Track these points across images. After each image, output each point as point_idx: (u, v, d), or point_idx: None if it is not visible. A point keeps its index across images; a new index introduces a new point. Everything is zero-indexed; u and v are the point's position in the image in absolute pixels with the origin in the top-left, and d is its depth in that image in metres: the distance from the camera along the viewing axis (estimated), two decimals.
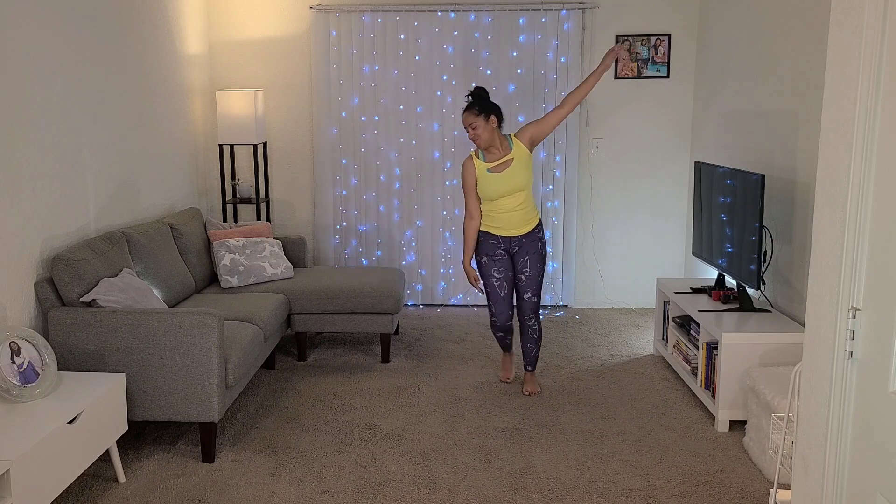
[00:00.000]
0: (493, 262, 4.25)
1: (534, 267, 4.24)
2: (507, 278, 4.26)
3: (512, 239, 4.22)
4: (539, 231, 4.27)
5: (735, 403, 3.82)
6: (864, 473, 1.94)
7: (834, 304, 2.01)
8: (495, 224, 4.21)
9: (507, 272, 4.25)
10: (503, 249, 4.24)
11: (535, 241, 4.24)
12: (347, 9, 5.83)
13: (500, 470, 3.47)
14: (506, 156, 4.14)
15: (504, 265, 4.25)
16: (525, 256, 4.23)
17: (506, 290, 4.27)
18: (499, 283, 4.25)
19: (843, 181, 1.97)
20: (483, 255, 4.27)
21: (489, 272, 4.26)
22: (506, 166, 4.13)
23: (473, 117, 4.08)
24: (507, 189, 4.12)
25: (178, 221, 4.74)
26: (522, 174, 4.14)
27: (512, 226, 4.19)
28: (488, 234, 4.24)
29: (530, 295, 4.28)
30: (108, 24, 4.34)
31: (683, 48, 5.86)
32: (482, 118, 4.07)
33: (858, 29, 1.90)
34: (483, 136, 4.09)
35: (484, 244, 4.26)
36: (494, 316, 4.32)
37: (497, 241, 4.23)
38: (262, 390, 4.40)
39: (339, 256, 6.15)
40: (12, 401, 2.98)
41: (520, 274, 4.26)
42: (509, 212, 4.17)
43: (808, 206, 3.99)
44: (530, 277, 4.25)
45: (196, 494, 3.25)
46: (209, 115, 5.91)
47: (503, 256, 4.24)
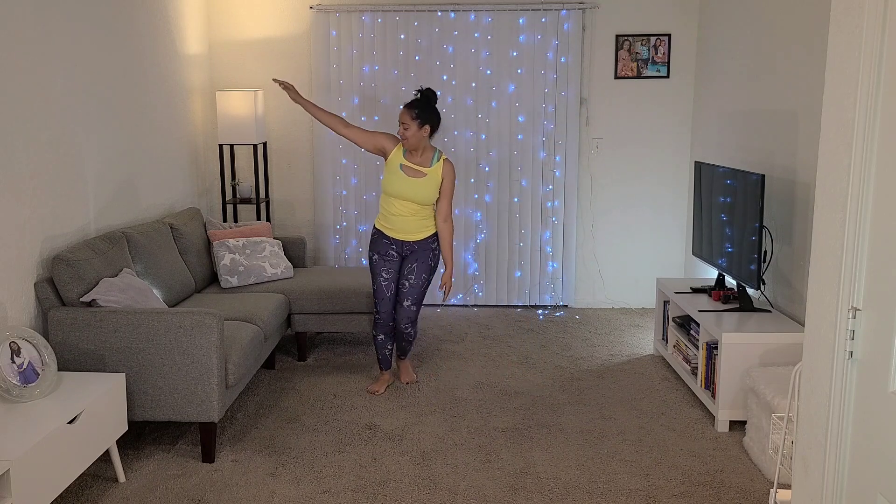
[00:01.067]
0: (383, 261, 4.28)
1: (419, 276, 4.26)
2: (395, 279, 4.30)
3: (405, 243, 4.25)
4: (433, 241, 4.28)
5: (735, 403, 3.82)
6: (864, 473, 1.94)
7: (834, 304, 2.01)
8: (390, 225, 4.24)
9: (395, 273, 4.29)
10: (395, 251, 4.27)
11: (428, 251, 4.27)
12: (347, 9, 5.83)
13: (500, 470, 3.47)
14: (423, 167, 4.17)
15: (393, 266, 4.28)
16: (413, 263, 4.26)
17: (391, 290, 4.30)
18: (386, 283, 4.29)
19: (843, 181, 1.97)
20: (374, 253, 4.30)
21: (378, 271, 4.29)
22: (416, 175, 4.16)
23: (409, 119, 4.09)
24: (407, 195, 4.14)
25: (178, 221, 4.74)
26: (427, 192, 4.16)
27: (406, 231, 4.22)
28: (382, 234, 4.28)
29: (410, 303, 4.30)
30: (108, 24, 4.34)
31: (683, 48, 5.86)
32: (416, 123, 4.09)
33: (858, 29, 1.90)
34: (410, 139, 4.11)
35: (377, 242, 4.30)
36: (378, 314, 4.35)
37: (390, 242, 4.26)
38: (262, 390, 4.40)
39: (339, 256, 6.15)
40: (12, 401, 2.98)
41: (404, 280, 4.28)
42: (405, 216, 4.19)
43: (808, 206, 3.99)
44: (413, 285, 4.27)
45: (196, 494, 3.25)
46: (209, 115, 5.91)
47: (394, 258, 4.27)
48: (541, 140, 5.94)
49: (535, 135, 5.94)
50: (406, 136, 4.10)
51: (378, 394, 4.35)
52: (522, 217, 6.05)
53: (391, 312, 4.34)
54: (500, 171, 6.00)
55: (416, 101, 4.14)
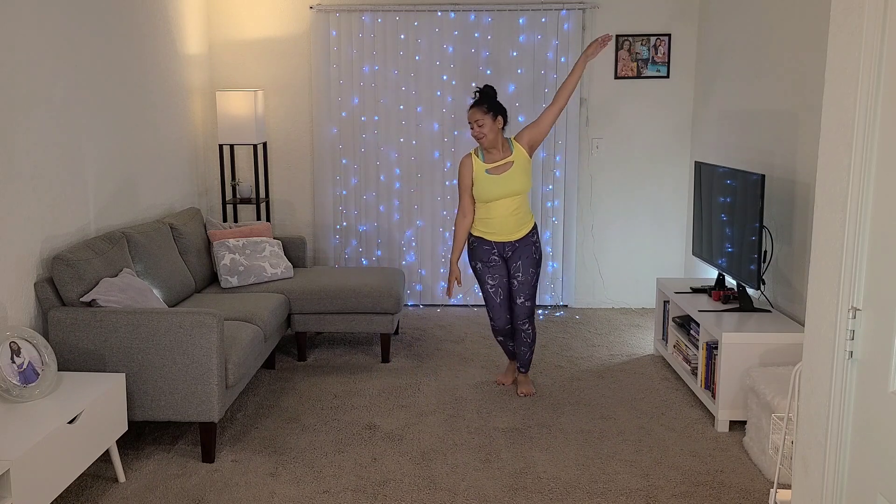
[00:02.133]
0: (487, 268, 4.22)
1: (527, 272, 4.20)
2: (502, 284, 4.23)
3: (506, 244, 4.18)
4: (533, 235, 4.23)
5: (735, 403, 3.82)
6: (864, 473, 1.94)
7: (834, 304, 2.01)
8: (489, 229, 4.17)
9: (501, 278, 4.22)
10: (497, 255, 4.20)
11: (529, 246, 4.20)
12: (347, 9, 5.83)
13: (500, 470, 3.47)
14: (506, 158, 4.10)
15: (498, 271, 4.21)
16: (518, 261, 4.19)
17: (501, 295, 4.24)
18: (493, 289, 4.23)
19: (843, 181, 1.97)
20: (477, 261, 4.24)
21: (483, 278, 4.24)
22: (505, 169, 4.09)
23: (482, 114, 4.03)
24: (504, 192, 4.08)
25: (178, 221, 4.74)
26: (521, 178, 4.10)
27: (506, 231, 4.15)
28: (482, 240, 4.20)
29: (523, 300, 4.23)
30: (108, 25, 4.34)
31: (683, 48, 5.86)
32: (490, 116, 4.03)
33: (858, 29, 1.90)
34: (489, 135, 4.04)
35: (478, 250, 4.22)
36: (493, 321, 4.32)
37: (491, 247, 4.19)
38: (262, 390, 4.40)
39: (339, 256, 6.15)
40: (12, 401, 2.98)
41: (513, 279, 4.23)
42: (504, 216, 4.12)
43: (808, 206, 3.99)
44: (523, 282, 4.21)
45: (196, 494, 3.25)
46: (209, 115, 5.91)
47: (497, 262, 4.21)
48: None
49: None
50: (484, 132, 4.03)
51: (506, 385, 4.42)
52: None
53: (505, 317, 4.28)
54: None
55: (481, 98, 4.08)
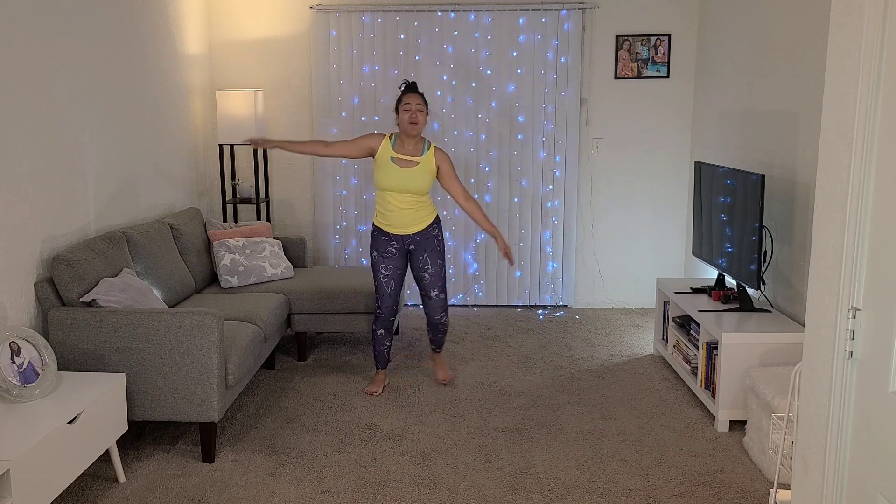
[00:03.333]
0: (382, 258, 4.26)
1: (434, 264, 4.26)
2: (396, 276, 4.28)
3: (405, 237, 4.22)
4: (434, 229, 4.27)
5: (735, 403, 3.82)
6: (864, 473, 1.94)
7: (834, 304, 2.01)
8: (387, 221, 4.21)
9: (395, 270, 4.27)
10: (395, 247, 4.24)
11: (431, 239, 4.25)
12: (347, 9, 5.83)
13: (500, 470, 3.47)
14: (414, 157, 4.15)
15: (394, 263, 4.26)
16: (423, 254, 4.24)
17: (393, 286, 4.29)
18: (386, 279, 4.28)
19: (843, 181, 1.97)
20: (374, 250, 4.29)
21: (377, 268, 4.28)
22: (409, 165, 4.14)
23: (423, 102, 4.13)
24: (400, 186, 4.12)
25: (178, 221, 4.74)
26: (421, 181, 4.14)
27: (403, 224, 4.19)
28: (381, 231, 4.25)
29: (437, 292, 4.29)
30: (108, 24, 4.34)
31: (683, 48, 5.86)
32: (426, 108, 4.15)
33: (858, 29, 1.90)
34: (422, 123, 4.13)
35: (376, 240, 4.27)
36: (380, 309, 4.34)
37: (389, 239, 4.23)
38: (262, 390, 4.40)
39: (339, 256, 6.15)
40: (12, 401, 2.98)
41: (422, 272, 4.27)
42: (400, 210, 4.16)
43: (808, 206, 3.99)
44: (433, 274, 4.26)
45: (196, 494, 3.25)
46: (209, 115, 5.91)
47: (394, 254, 4.25)
48: (541, 140, 5.94)
49: (535, 135, 5.94)
50: (418, 118, 4.10)
51: (376, 395, 4.33)
52: (522, 217, 6.05)
53: (392, 308, 4.34)
54: (500, 171, 6.00)
55: (412, 88, 4.17)
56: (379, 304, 4.34)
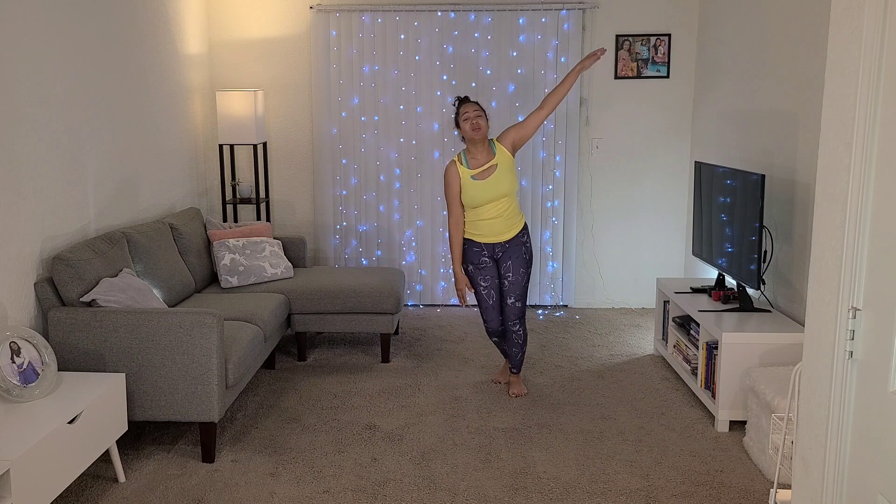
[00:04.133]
0: (478, 270, 4.24)
1: (517, 272, 4.22)
2: (494, 285, 4.25)
3: (496, 245, 4.20)
4: (523, 236, 4.25)
5: (735, 403, 3.82)
6: (864, 473, 1.94)
7: (834, 304, 2.01)
8: (478, 231, 4.19)
9: (493, 279, 4.25)
10: (488, 256, 4.22)
11: (519, 246, 4.23)
12: (347, 9, 5.83)
13: (500, 470, 3.47)
14: (489, 161, 4.13)
15: (490, 272, 4.24)
16: (508, 261, 4.22)
17: (494, 297, 4.26)
18: (486, 290, 4.25)
19: (843, 181, 1.97)
20: (469, 264, 4.26)
21: (476, 280, 4.26)
22: (490, 172, 4.11)
23: (481, 109, 4.13)
24: (492, 196, 4.11)
25: (178, 221, 4.74)
26: (507, 180, 4.12)
27: (495, 232, 4.18)
28: (472, 242, 4.22)
29: (513, 300, 4.25)
30: (108, 24, 4.34)
31: (683, 48, 5.86)
32: (485, 114, 4.14)
33: (858, 29, 1.90)
34: (485, 128, 4.10)
35: (468, 252, 4.24)
36: (486, 322, 4.33)
37: (481, 249, 4.21)
38: (262, 390, 4.40)
39: (339, 256, 6.15)
40: (12, 401, 2.98)
41: (503, 279, 4.25)
42: (492, 218, 4.15)
43: (808, 206, 3.99)
44: (513, 283, 4.23)
45: (196, 494, 3.25)
46: (209, 115, 5.91)
47: (488, 264, 4.23)
48: (541, 140, 5.94)
49: (535, 135, 5.92)
50: (480, 124, 4.08)
51: (502, 384, 4.43)
52: None
53: (498, 319, 4.30)
54: None
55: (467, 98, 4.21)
56: (484, 318, 4.33)
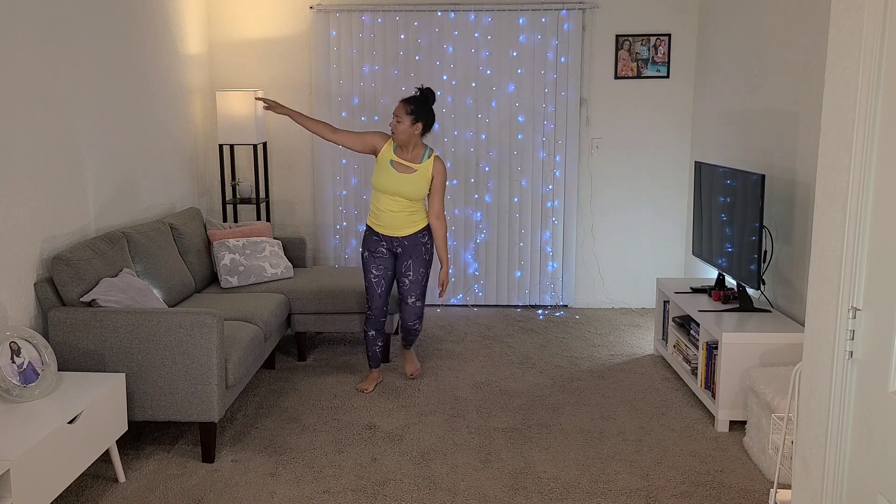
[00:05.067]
0: (373, 257, 4.29)
1: (416, 271, 4.28)
2: (386, 276, 4.31)
3: (394, 239, 4.26)
4: (424, 236, 4.29)
5: (735, 403, 3.82)
6: (864, 473, 1.94)
7: (834, 304, 2.01)
8: (378, 221, 4.26)
9: (386, 270, 4.30)
10: (385, 248, 4.28)
11: (419, 246, 4.27)
12: (347, 9, 5.83)
13: (500, 470, 3.47)
14: (412, 163, 4.18)
15: (384, 263, 4.29)
16: (408, 260, 4.27)
17: (383, 286, 4.32)
18: (376, 279, 4.30)
19: (843, 181, 1.97)
20: (365, 250, 4.32)
21: (368, 267, 4.31)
22: (407, 171, 4.17)
23: (403, 113, 4.13)
24: (396, 190, 4.16)
25: (178, 221, 4.74)
26: (416, 188, 4.17)
27: (394, 226, 4.23)
28: (372, 231, 4.30)
29: (414, 300, 4.32)
30: (108, 24, 4.34)
31: (683, 48, 5.86)
32: (409, 119, 4.12)
33: (858, 30, 1.90)
34: (400, 134, 4.14)
35: (367, 239, 4.32)
36: (370, 310, 4.36)
37: (380, 239, 4.27)
38: (262, 390, 4.40)
39: (339, 256, 6.15)
40: (12, 401, 2.98)
41: (403, 278, 4.30)
42: (392, 212, 4.20)
43: (808, 206, 3.99)
44: (413, 282, 4.29)
45: (196, 494, 3.25)
46: (209, 115, 5.91)
47: (384, 255, 4.28)
48: (541, 140, 5.94)
49: (535, 135, 5.94)
50: (397, 129, 4.13)
51: (367, 392, 4.35)
52: (522, 217, 6.05)
53: (382, 309, 4.36)
54: (500, 171, 6.00)
55: (414, 97, 4.18)
56: (369, 305, 4.37)
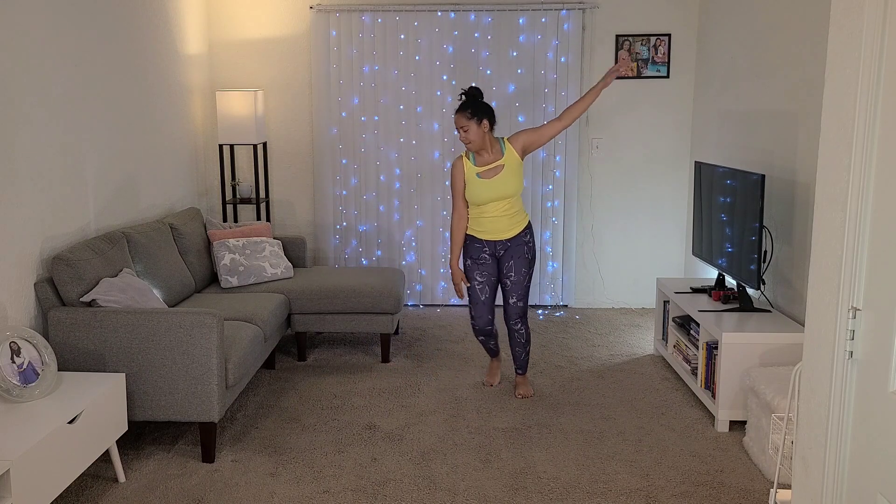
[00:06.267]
0: (476, 265, 4.22)
1: (519, 272, 4.19)
2: (490, 282, 4.22)
3: (497, 243, 4.18)
4: (526, 235, 4.22)
5: (735, 403, 3.82)
6: (864, 473, 1.94)
7: (834, 304, 2.01)
8: (480, 228, 4.17)
9: (489, 276, 4.22)
10: (488, 253, 4.20)
11: (522, 245, 4.20)
12: (347, 9, 5.83)
13: (500, 470, 3.47)
14: (496, 161, 4.09)
15: (487, 269, 4.21)
16: (510, 260, 4.19)
17: (487, 293, 4.22)
18: (480, 286, 4.22)
19: (843, 181, 1.97)
20: (467, 258, 4.25)
21: (472, 275, 4.23)
22: (496, 172, 4.08)
23: (465, 120, 4.01)
24: (495, 195, 4.08)
25: (178, 221, 4.74)
26: (512, 181, 4.09)
27: (497, 230, 4.15)
28: (473, 238, 4.21)
29: (516, 300, 4.23)
30: (108, 24, 4.34)
31: (683, 48, 5.86)
32: (474, 122, 4.01)
33: (858, 30, 1.90)
34: (474, 140, 4.03)
35: (469, 247, 4.23)
36: (474, 319, 4.29)
37: (482, 245, 4.19)
38: (262, 390, 4.40)
39: (339, 256, 6.15)
40: (12, 401, 2.98)
41: (505, 278, 4.22)
42: (495, 217, 4.12)
43: (808, 206, 3.99)
44: (515, 282, 4.20)
45: (196, 494, 3.25)
46: (209, 115, 5.91)
47: (487, 261, 4.21)
48: None
49: None
50: (469, 138, 4.02)
51: (494, 385, 4.41)
52: None
53: (487, 317, 4.26)
54: None
55: (464, 102, 4.07)
56: (473, 315, 4.27)
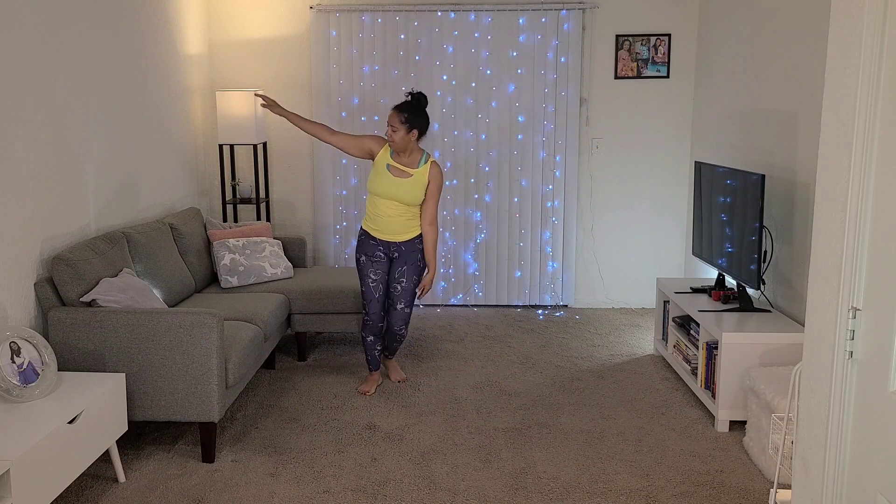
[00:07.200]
0: (371, 262, 4.27)
1: (410, 278, 4.27)
2: (383, 281, 4.29)
3: (392, 244, 4.24)
4: (420, 242, 4.28)
5: (735, 403, 3.82)
6: (864, 473, 1.94)
7: (834, 304, 2.01)
8: (376, 226, 4.24)
9: (383, 275, 4.29)
10: (382, 252, 4.26)
11: (416, 252, 4.27)
12: (347, 9, 5.83)
13: (500, 470, 3.47)
14: (409, 168, 4.16)
15: (381, 268, 4.27)
16: (404, 266, 4.26)
17: (381, 291, 4.30)
18: (374, 283, 4.28)
19: (843, 181, 1.97)
20: (362, 254, 4.30)
21: (366, 272, 4.28)
22: (402, 175, 4.16)
23: (398, 122, 4.08)
24: (391, 193, 4.14)
25: (178, 221, 4.74)
26: (414, 192, 4.16)
27: (391, 231, 4.21)
28: (368, 235, 4.28)
29: (403, 306, 4.31)
30: (108, 24, 4.34)
31: (683, 48, 5.86)
32: (405, 127, 4.08)
33: (858, 29, 1.90)
34: (397, 142, 4.11)
35: (364, 244, 4.29)
36: (368, 315, 4.34)
37: (376, 243, 4.25)
38: (262, 390, 4.40)
39: (339, 256, 6.15)
40: (12, 401, 2.98)
41: (395, 283, 4.28)
42: (389, 216, 4.19)
43: (808, 206, 3.99)
44: (406, 289, 4.28)
45: (196, 494, 3.25)
46: (209, 115, 5.91)
47: (381, 259, 4.27)
48: (541, 140, 5.94)
49: (535, 135, 5.94)
50: (394, 138, 4.10)
51: (369, 394, 4.34)
52: (522, 217, 6.05)
53: (380, 314, 4.34)
54: (500, 171, 6.00)
55: (406, 103, 4.13)
56: (367, 311, 4.34)
